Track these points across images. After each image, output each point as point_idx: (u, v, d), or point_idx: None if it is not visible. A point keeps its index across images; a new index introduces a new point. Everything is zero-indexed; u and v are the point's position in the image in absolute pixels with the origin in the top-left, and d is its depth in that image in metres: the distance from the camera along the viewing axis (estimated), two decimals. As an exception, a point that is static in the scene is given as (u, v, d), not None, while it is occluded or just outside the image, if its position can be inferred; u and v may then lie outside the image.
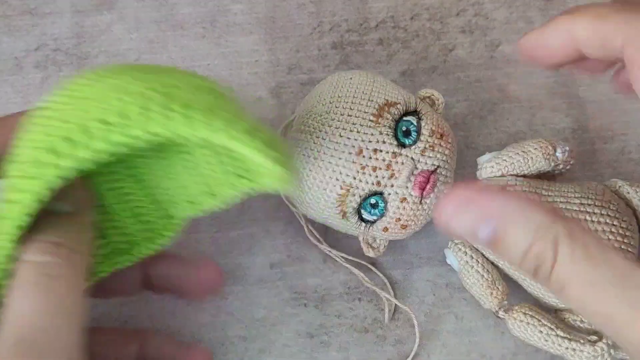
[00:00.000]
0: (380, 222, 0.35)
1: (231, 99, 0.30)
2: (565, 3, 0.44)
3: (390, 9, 0.45)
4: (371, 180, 0.34)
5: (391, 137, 0.34)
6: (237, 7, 0.45)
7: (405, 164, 0.34)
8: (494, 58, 0.44)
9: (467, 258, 0.36)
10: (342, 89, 0.35)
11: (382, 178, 0.34)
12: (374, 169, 0.34)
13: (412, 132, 0.34)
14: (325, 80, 0.36)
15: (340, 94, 0.35)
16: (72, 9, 0.45)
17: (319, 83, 0.37)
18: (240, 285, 0.39)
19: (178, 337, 0.38)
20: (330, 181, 0.34)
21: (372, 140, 0.34)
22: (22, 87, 0.43)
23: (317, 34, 0.44)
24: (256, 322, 0.38)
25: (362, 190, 0.34)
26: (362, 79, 0.35)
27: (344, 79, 0.36)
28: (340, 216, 0.35)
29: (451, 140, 0.35)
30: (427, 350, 0.38)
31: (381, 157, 0.34)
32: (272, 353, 0.38)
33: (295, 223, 0.40)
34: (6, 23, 0.44)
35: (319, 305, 0.39)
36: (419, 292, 0.39)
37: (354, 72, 0.36)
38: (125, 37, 0.44)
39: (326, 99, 0.35)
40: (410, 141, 0.34)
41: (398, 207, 0.34)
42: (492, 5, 0.45)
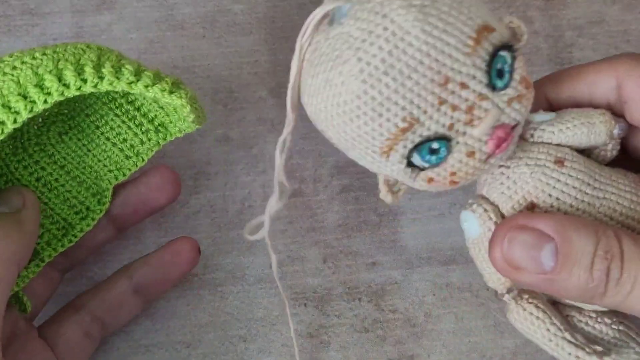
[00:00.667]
0: (430, 171, 0.28)
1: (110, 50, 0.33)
2: (565, 3, 0.44)
3: (390, 9, 0.45)
4: (444, 121, 0.27)
5: (484, 73, 0.27)
6: (237, 7, 0.45)
7: (489, 111, 0.27)
8: (494, 58, 0.44)
9: (491, 224, 0.30)
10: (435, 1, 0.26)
11: (458, 121, 0.27)
12: (452, 108, 0.26)
13: (506, 72, 0.27)
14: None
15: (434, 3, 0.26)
16: (72, 9, 0.45)
17: None
18: (240, 285, 0.39)
19: (178, 337, 0.38)
20: (394, 108, 0.26)
21: (462, 71, 0.26)
22: (22, 87, 0.43)
23: (317, 34, 0.44)
24: (256, 322, 0.38)
25: (428, 130, 0.27)
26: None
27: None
28: (378, 152, 0.28)
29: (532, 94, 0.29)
30: (427, 350, 0.38)
31: (465, 95, 0.26)
32: (272, 353, 0.38)
33: (295, 223, 0.40)
34: (6, 23, 0.44)
35: (319, 305, 0.39)
36: (419, 292, 0.39)
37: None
38: (125, 37, 0.44)
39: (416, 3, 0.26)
40: (502, 85, 0.27)
41: (461, 161, 0.28)
42: (492, 5, 0.45)
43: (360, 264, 0.39)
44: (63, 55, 0.31)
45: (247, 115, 0.42)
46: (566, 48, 0.44)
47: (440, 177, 0.28)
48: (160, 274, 0.36)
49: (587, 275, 0.26)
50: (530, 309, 0.31)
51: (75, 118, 0.37)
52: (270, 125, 0.42)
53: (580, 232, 0.26)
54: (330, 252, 0.40)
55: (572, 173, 0.29)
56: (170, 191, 0.37)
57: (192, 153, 0.41)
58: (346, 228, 0.40)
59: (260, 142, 0.42)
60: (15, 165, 0.35)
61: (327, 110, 0.28)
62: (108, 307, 0.35)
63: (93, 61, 0.30)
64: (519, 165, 0.30)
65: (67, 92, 0.29)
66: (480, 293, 0.39)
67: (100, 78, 0.30)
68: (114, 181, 0.37)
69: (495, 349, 0.37)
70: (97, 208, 0.36)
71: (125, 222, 0.37)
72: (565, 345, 0.31)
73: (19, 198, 0.32)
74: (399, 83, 0.26)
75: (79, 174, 0.36)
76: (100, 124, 0.37)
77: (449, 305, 0.39)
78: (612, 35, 0.44)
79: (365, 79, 0.26)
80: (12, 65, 0.31)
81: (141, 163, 0.37)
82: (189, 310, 0.39)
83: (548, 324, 0.31)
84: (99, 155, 0.37)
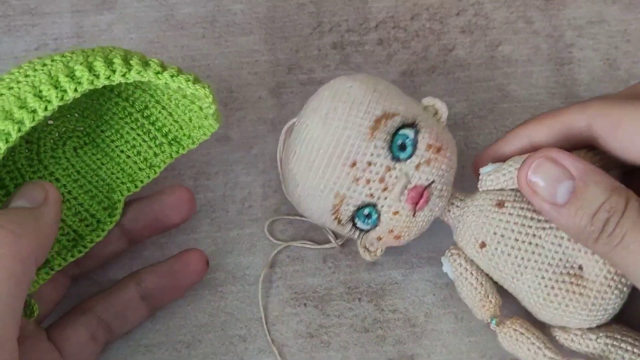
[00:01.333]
0: (374, 231, 0.35)
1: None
2: (565, 3, 0.44)
3: (390, 9, 0.45)
4: (364, 192, 0.34)
5: (386, 151, 0.33)
6: (237, 7, 0.45)
7: (398, 178, 0.33)
8: (494, 58, 0.44)
9: (461, 270, 0.35)
10: (339, 99, 0.34)
11: (376, 190, 0.34)
12: (367, 182, 0.33)
13: (408, 146, 0.34)
14: (327, 86, 0.35)
15: (337, 105, 0.34)
16: (72, 9, 0.45)
17: (321, 87, 0.36)
18: (240, 285, 0.39)
19: (178, 337, 0.38)
20: (325, 190, 0.34)
21: (366, 153, 0.33)
22: (22, 87, 0.43)
23: (317, 34, 0.44)
24: (256, 322, 0.38)
25: (356, 201, 0.34)
26: (362, 87, 0.34)
27: (343, 88, 0.34)
28: (335, 223, 0.35)
29: (449, 154, 0.34)
30: (427, 350, 0.38)
31: (374, 170, 0.33)
32: (272, 353, 0.38)
33: (295, 223, 0.40)
34: (6, 23, 0.44)
35: (319, 305, 0.39)
36: (418, 292, 0.39)
37: (355, 78, 0.35)
38: (125, 37, 0.44)
39: (323, 109, 0.34)
40: (405, 155, 0.34)
41: (391, 219, 0.34)
42: (492, 5, 0.45)
43: (360, 264, 0.39)
44: (92, 52, 0.32)
45: (247, 115, 0.42)
46: (566, 48, 0.44)
47: (385, 235, 0.35)
48: (169, 283, 0.37)
49: (588, 220, 0.30)
50: (510, 332, 0.34)
51: (90, 134, 0.37)
52: (270, 125, 0.42)
53: (598, 183, 0.30)
54: (330, 252, 0.40)
55: (513, 211, 0.34)
56: (184, 210, 0.37)
57: (192, 153, 0.41)
58: (346, 228, 0.40)
59: (260, 142, 0.42)
60: (31, 175, 0.35)
61: (299, 199, 0.35)
62: (116, 312, 0.36)
63: (121, 55, 0.31)
64: (467, 212, 0.35)
65: (97, 82, 0.30)
66: (480, 293, 0.39)
67: (129, 69, 0.30)
68: (126, 193, 0.37)
69: (495, 349, 0.37)
70: (108, 220, 0.36)
71: (137, 236, 0.38)
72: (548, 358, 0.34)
73: (41, 193, 0.32)
74: (321, 171, 0.34)
75: (92, 188, 0.37)
76: (115, 138, 0.37)
77: (449, 305, 0.39)
78: (612, 35, 0.44)
79: (300, 173, 0.34)
80: (43, 63, 0.31)
81: (154, 175, 0.37)
82: (189, 310, 0.39)
83: (528, 343, 0.34)
84: (112, 169, 0.37)
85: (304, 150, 0.34)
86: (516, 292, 0.35)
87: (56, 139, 0.36)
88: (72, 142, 0.37)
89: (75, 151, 0.37)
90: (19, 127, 0.29)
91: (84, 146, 0.37)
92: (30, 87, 0.30)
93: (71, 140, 0.37)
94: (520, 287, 0.34)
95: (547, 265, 0.33)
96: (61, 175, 0.36)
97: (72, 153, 0.37)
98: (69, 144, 0.37)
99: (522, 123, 0.36)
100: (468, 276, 0.35)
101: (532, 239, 0.33)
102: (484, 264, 0.35)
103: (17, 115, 0.29)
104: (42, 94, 0.29)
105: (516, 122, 0.42)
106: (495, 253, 0.34)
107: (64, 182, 0.36)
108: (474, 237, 0.34)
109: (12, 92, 0.30)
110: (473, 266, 0.35)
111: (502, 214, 0.34)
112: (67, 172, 0.37)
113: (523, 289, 0.34)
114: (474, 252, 0.35)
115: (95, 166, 0.37)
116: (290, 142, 0.35)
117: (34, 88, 0.30)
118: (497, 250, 0.34)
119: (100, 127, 0.37)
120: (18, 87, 0.31)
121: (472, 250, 0.35)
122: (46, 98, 0.29)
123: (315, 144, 0.34)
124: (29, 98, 0.29)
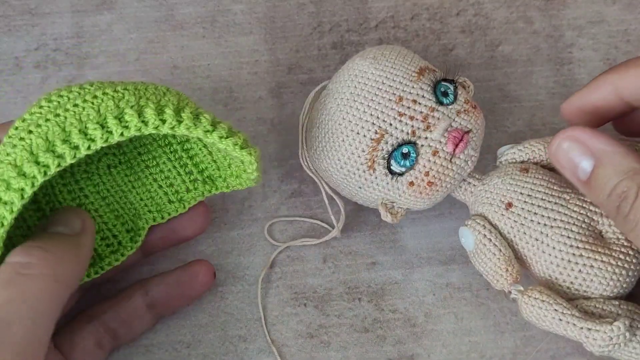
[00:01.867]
0: (408, 175, 0.35)
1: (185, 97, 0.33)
2: (565, 3, 0.44)
3: (390, 9, 0.45)
4: (407, 129, 0.34)
5: (430, 94, 0.35)
6: (237, 7, 0.45)
7: (441, 118, 0.34)
8: (494, 58, 0.44)
9: (485, 232, 0.35)
10: (385, 49, 0.37)
11: (417, 129, 0.34)
12: (411, 118, 0.34)
13: (450, 94, 0.35)
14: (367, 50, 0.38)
15: (384, 52, 0.36)
16: (72, 8, 0.45)
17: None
18: (240, 285, 0.39)
19: (178, 337, 0.38)
20: (366, 125, 0.34)
21: (412, 92, 0.35)
22: (22, 87, 0.43)
23: (317, 34, 0.44)
24: (256, 322, 0.38)
25: (396, 138, 0.34)
26: (404, 48, 0.37)
27: (385, 46, 0.37)
28: (366, 168, 0.35)
29: (482, 116, 0.36)
30: (427, 350, 0.38)
31: (419, 109, 0.35)
32: (272, 353, 0.38)
33: (295, 223, 0.40)
34: (6, 23, 0.44)
35: (319, 305, 0.39)
36: (419, 292, 0.39)
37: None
38: (125, 37, 0.44)
39: (369, 55, 0.36)
40: (448, 101, 0.35)
41: (429, 160, 0.34)
42: (492, 5, 0.45)
43: (360, 264, 0.39)
44: (144, 94, 0.31)
45: (247, 115, 0.42)
46: (566, 48, 0.44)
47: (418, 180, 0.35)
48: (176, 293, 0.37)
49: (604, 199, 0.31)
50: (535, 294, 0.33)
51: (127, 154, 0.37)
52: (270, 125, 0.42)
53: (616, 165, 0.30)
54: (330, 252, 0.40)
55: (538, 176, 0.35)
56: (200, 223, 0.38)
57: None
58: (346, 228, 0.40)
59: (260, 142, 0.42)
60: (61, 188, 0.35)
61: (325, 151, 0.36)
62: (122, 320, 0.36)
63: (174, 104, 0.30)
64: (492, 178, 0.36)
65: (145, 129, 0.29)
66: (480, 293, 0.39)
67: (179, 122, 0.30)
68: (151, 222, 0.37)
69: (495, 349, 0.38)
70: (129, 245, 0.36)
71: (153, 248, 0.38)
72: (575, 320, 0.32)
73: (79, 221, 0.33)
74: (365, 105, 0.35)
75: (119, 208, 0.36)
76: (150, 164, 0.37)
77: (449, 305, 0.39)
78: (612, 35, 0.44)
79: (340, 108, 0.35)
80: (94, 94, 0.31)
81: (182, 210, 0.37)
82: (189, 310, 0.39)
83: (554, 305, 0.33)
84: (142, 194, 0.37)
85: (349, 85, 0.35)
86: (538, 256, 0.34)
87: (92, 154, 0.35)
88: (107, 159, 0.36)
89: (108, 169, 0.36)
90: (59, 162, 0.28)
91: (118, 165, 0.37)
92: (77, 121, 0.29)
93: (107, 157, 0.36)
94: (545, 249, 0.34)
95: (573, 226, 0.34)
96: (90, 191, 0.36)
97: (105, 170, 0.36)
98: (104, 160, 0.36)
99: (608, 70, 0.35)
100: (491, 239, 0.35)
101: (558, 200, 0.34)
102: (509, 226, 0.35)
103: (59, 149, 0.28)
104: (88, 131, 0.29)
105: (516, 122, 0.42)
106: (522, 213, 0.34)
107: (92, 199, 0.36)
108: (500, 199, 0.35)
109: (58, 120, 0.30)
110: (496, 231, 0.35)
111: (527, 177, 0.35)
112: (96, 189, 0.36)
113: (547, 251, 0.34)
114: (499, 215, 0.35)
115: (126, 188, 0.37)
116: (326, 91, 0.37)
117: (80, 122, 0.29)
118: (524, 210, 0.34)
119: (138, 149, 0.37)
120: (64, 117, 0.30)
121: (498, 213, 0.35)
122: (90, 137, 0.29)
123: (362, 79, 0.35)
124: (74, 133, 0.29)
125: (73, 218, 0.33)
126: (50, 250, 0.30)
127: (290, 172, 0.41)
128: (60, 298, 0.30)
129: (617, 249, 0.34)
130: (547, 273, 0.34)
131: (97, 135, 0.29)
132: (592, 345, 0.32)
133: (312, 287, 0.39)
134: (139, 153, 0.37)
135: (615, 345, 0.32)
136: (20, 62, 0.43)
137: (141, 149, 0.37)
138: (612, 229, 0.34)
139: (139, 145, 0.37)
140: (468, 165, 0.35)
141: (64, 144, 0.28)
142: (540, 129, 0.42)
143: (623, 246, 0.34)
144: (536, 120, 0.42)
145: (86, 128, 0.29)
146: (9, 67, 0.43)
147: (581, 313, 0.33)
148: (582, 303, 0.34)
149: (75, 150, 0.29)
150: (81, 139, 0.29)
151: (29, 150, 0.29)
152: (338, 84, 0.36)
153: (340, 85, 0.36)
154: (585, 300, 0.34)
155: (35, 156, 0.28)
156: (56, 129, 0.29)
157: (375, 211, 0.37)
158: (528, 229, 0.34)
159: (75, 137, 0.29)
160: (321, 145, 0.36)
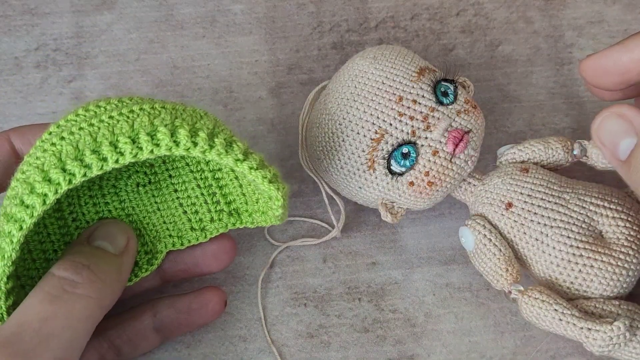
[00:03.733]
0: (408, 175, 0.35)
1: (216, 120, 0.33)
2: (565, 3, 0.44)
3: (390, 9, 0.45)
4: (407, 129, 0.34)
5: (430, 94, 0.35)
6: (237, 7, 0.45)
7: (441, 118, 0.34)
8: (494, 58, 0.44)
9: (485, 232, 0.35)
10: (385, 49, 0.37)
11: (418, 128, 0.34)
12: (411, 118, 0.34)
13: (450, 94, 0.35)
14: (367, 50, 0.38)
15: (384, 52, 0.36)
16: (72, 9, 0.45)
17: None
18: (240, 285, 0.39)
19: (178, 337, 0.38)
20: (366, 125, 0.35)
21: (412, 92, 0.35)
22: (22, 87, 0.43)
23: (317, 34, 0.44)
24: (256, 322, 0.38)
25: (396, 138, 0.34)
26: (403, 48, 0.37)
27: (385, 46, 0.37)
28: (366, 168, 0.35)
29: (482, 116, 0.36)
30: (427, 350, 0.38)
31: (419, 109, 0.35)
32: (271, 353, 0.38)
33: (295, 223, 0.40)
34: (6, 23, 0.44)
35: (319, 305, 0.39)
36: (419, 292, 0.39)
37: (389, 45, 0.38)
38: (125, 37, 0.44)
39: (369, 55, 0.36)
40: (448, 101, 0.35)
41: (429, 160, 0.34)
42: (492, 5, 0.45)
43: (360, 264, 0.39)
44: (181, 114, 0.31)
45: (247, 115, 0.42)
46: (566, 48, 0.44)
47: (418, 180, 0.35)
48: (185, 319, 0.36)
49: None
50: (535, 294, 0.33)
51: (157, 174, 0.36)
52: (270, 125, 0.42)
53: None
54: (330, 252, 0.40)
55: (537, 176, 0.35)
56: (224, 260, 0.37)
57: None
58: (346, 228, 0.40)
59: (260, 142, 0.42)
60: (86, 199, 0.35)
61: (325, 151, 0.36)
62: (128, 338, 0.35)
63: (208, 128, 0.30)
64: (492, 178, 0.36)
65: (175, 150, 0.29)
66: (480, 293, 0.39)
67: (210, 146, 0.29)
68: (170, 247, 0.36)
69: (495, 349, 0.38)
70: (145, 267, 0.35)
71: (172, 277, 0.37)
72: (574, 320, 0.32)
73: (124, 239, 0.33)
74: (365, 105, 0.35)
75: (141, 228, 0.36)
76: (179, 188, 0.36)
77: (449, 305, 0.39)
78: (612, 35, 0.44)
79: (340, 108, 0.35)
80: (131, 109, 0.31)
81: (203, 239, 0.36)
82: (189, 310, 0.39)
83: (554, 305, 0.33)
84: (165, 217, 0.36)
85: (349, 85, 0.36)
86: (538, 256, 0.34)
87: (123, 170, 0.35)
88: (137, 177, 0.36)
89: (137, 187, 0.36)
90: (85, 171, 0.28)
91: (147, 185, 0.36)
92: (109, 133, 0.29)
93: (138, 175, 0.36)
94: (545, 249, 0.34)
95: (573, 226, 0.34)
96: (115, 207, 0.36)
97: (134, 188, 0.36)
98: (134, 178, 0.36)
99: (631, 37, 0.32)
100: (491, 239, 0.35)
101: (558, 199, 0.34)
102: (509, 226, 0.35)
103: (88, 159, 0.28)
104: (118, 144, 0.29)
105: (516, 122, 0.42)
106: (522, 213, 0.34)
107: (116, 215, 0.35)
108: (500, 199, 0.35)
109: (92, 130, 0.30)
110: (496, 231, 0.35)
111: (527, 177, 0.35)
112: (122, 206, 0.36)
113: (547, 251, 0.34)
114: (499, 215, 0.35)
115: (151, 209, 0.36)
116: (326, 90, 0.37)
117: (112, 135, 0.29)
118: (524, 210, 0.34)
119: (170, 172, 0.36)
120: (98, 127, 0.30)
121: (498, 213, 0.35)
122: (120, 150, 0.28)
123: (362, 78, 0.35)
124: (104, 145, 0.28)
125: (119, 235, 0.33)
126: (97, 273, 0.30)
127: (290, 172, 0.41)
128: (97, 320, 0.30)
129: (617, 249, 0.33)
130: (547, 273, 0.34)
131: (127, 150, 0.28)
132: (592, 345, 0.32)
133: (312, 287, 0.39)
134: (170, 175, 0.36)
135: (615, 345, 0.32)
136: (20, 62, 0.44)
137: (173, 171, 0.36)
138: (612, 229, 0.34)
139: (171, 167, 0.36)
140: (468, 165, 0.35)
141: (93, 154, 0.28)
142: (540, 129, 0.42)
143: (623, 246, 0.34)
144: (536, 120, 0.42)
145: (117, 141, 0.29)
146: (9, 67, 0.43)
147: (581, 313, 0.33)
148: (582, 303, 0.34)
149: (103, 162, 0.28)
150: (110, 151, 0.28)
151: (57, 156, 0.29)
152: (338, 84, 0.36)
153: (340, 85, 0.36)
154: (585, 300, 0.34)
155: (63, 163, 0.28)
156: (88, 138, 0.29)
157: (375, 211, 0.37)
158: (528, 229, 0.34)
159: (105, 149, 0.28)
160: (321, 145, 0.36)
